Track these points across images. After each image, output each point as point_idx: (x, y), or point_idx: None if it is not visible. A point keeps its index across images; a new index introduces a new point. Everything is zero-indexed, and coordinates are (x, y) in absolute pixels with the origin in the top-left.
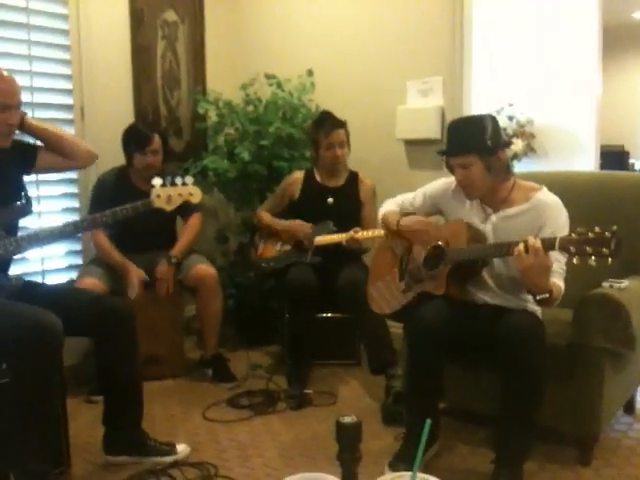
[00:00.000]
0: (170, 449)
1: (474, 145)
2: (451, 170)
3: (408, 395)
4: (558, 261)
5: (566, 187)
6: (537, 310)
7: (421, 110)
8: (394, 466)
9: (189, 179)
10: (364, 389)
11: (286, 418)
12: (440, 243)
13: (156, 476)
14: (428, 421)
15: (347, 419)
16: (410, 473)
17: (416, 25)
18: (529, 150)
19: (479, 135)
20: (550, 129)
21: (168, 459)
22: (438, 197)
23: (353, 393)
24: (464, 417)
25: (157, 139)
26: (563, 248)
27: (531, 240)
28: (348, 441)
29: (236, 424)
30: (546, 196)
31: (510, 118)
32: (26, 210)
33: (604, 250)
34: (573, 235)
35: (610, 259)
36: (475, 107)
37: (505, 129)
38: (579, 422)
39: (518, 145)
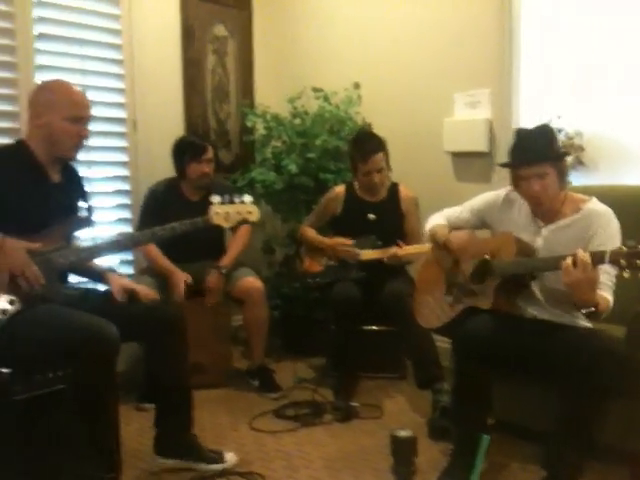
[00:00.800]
0: (218, 457)
1: (549, 153)
2: (516, 183)
3: (456, 411)
4: (607, 273)
5: (617, 201)
6: (588, 326)
7: (468, 122)
8: None
9: (248, 198)
10: (410, 403)
11: (332, 430)
12: (487, 257)
13: None
14: (486, 437)
15: (402, 433)
16: None
17: (463, 37)
18: (578, 163)
19: (551, 143)
20: (600, 141)
21: (217, 467)
22: (486, 211)
23: (399, 407)
24: (513, 433)
25: (210, 149)
26: (613, 261)
27: (580, 254)
28: (404, 455)
29: (282, 435)
30: (596, 206)
31: (558, 131)
32: (88, 222)
33: None
34: (624, 248)
35: None
36: (523, 119)
37: None
38: (630, 438)
39: (567, 158)
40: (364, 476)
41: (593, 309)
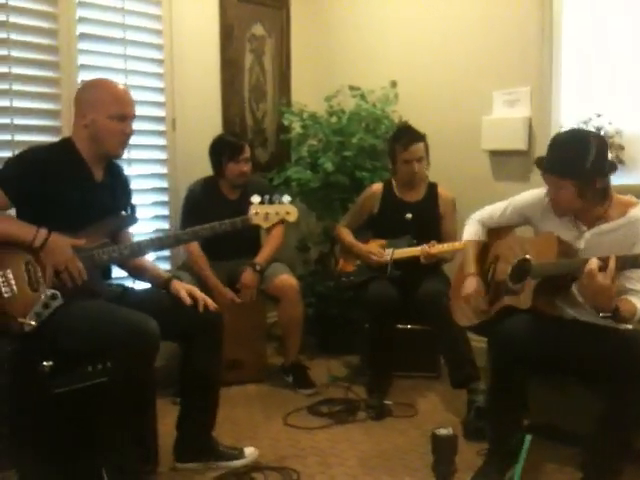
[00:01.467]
0: (238, 453)
1: (571, 170)
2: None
3: (491, 412)
4: None
5: None
6: (629, 327)
7: (507, 120)
8: None
9: (286, 198)
10: (444, 403)
11: (366, 428)
12: (527, 256)
13: (239, 479)
14: (528, 437)
15: (443, 432)
16: None
17: (502, 34)
18: (618, 162)
19: (580, 159)
20: None
21: (237, 463)
22: (528, 209)
23: (433, 406)
24: (550, 434)
25: (247, 148)
26: None
27: (611, 260)
28: (444, 453)
29: (317, 431)
30: None
31: (598, 129)
32: (132, 220)
33: None
34: None
35: None
36: (563, 118)
37: None
38: None
39: None
40: (399, 474)
41: (609, 314)
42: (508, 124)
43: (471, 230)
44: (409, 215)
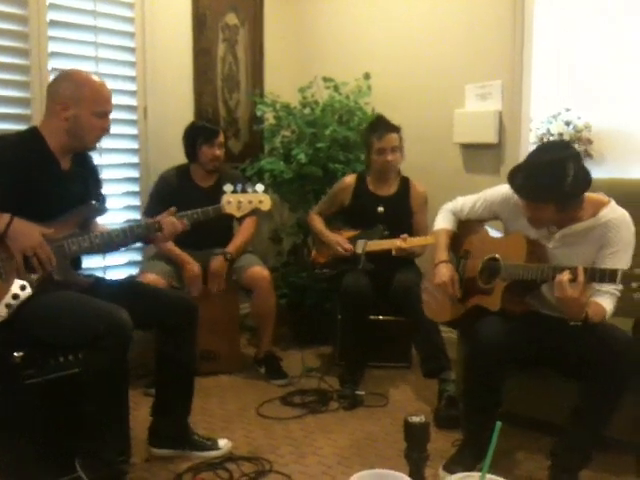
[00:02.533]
0: (212, 444)
1: (550, 195)
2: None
3: (468, 410)
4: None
5: (624, 195)
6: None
7: (479, 114)
8: (449, 468)
9: (260, 187)
10: (416, 392)
11: (339, 418)
12: (497, 255)
13: (213, 469)
14: (498, 423)
15: (416, 419)
16: (479, 474)
17: (475, 28)
18: (586, 156)
19: (557, 184)
20: (609, 134)
21: (211, 454)
22: (498, 206)
23: (405, 396)
24: (520, 423)
25: (222, 134)
26: (624, 282)
27: (580, 271)
28: (417, 440)
29: (290, 422)
30: (613, 212)
31: (567, 123)
32: (101, 209)
33: None
34: (636, 271)
35: None
36: (533, 112)
37: (561, 134)
38: (638, 431)
39: None
40: (372, 462)
41: (579, 323)
42: (480, 117)
43: (443, 219)
44: (381, 209)
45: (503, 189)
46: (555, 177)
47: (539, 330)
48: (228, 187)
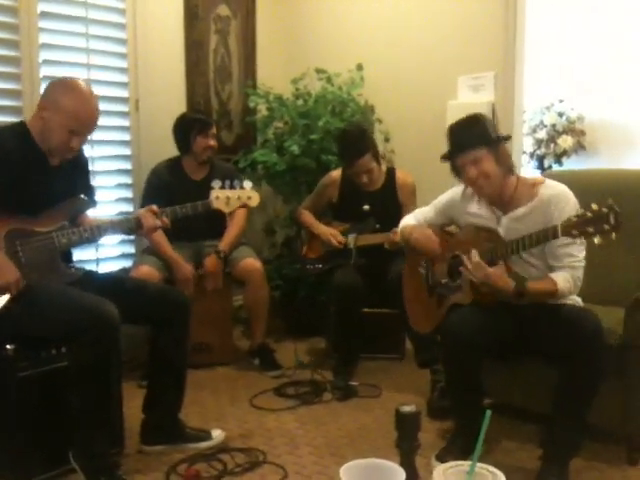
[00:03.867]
0: (206, 435)
1: (482, 139)
2: (458, 174)
3: (451, 397)
4: (571, 255)
5: (618, 185)
6: (578, 301)
7: (472, 105)
8: (442, 458)
9: (247, 183)
10: (409, 383)
11: (332, 408)
12: (457, 252)
13: (207, 460)
14: (488, 412)
15: (407, 409)
16: (469, 462)
17: (468, 20)
18: (579, 147)
19: (483, 129)
20: (602, 126)
21: (204, 445)
22: (448, 207)
23: (398, 386)
24: (510, 413)
25: (214, 126)
26: (566, 233)
27: (473, 255)
28: (408, 430)
29: (283, 413)
30: (551, 189)
31: (560, 114)
32: (90, 202)
33: (605, 226)
34: (572, 218)
35: (613, 234)
36: (526, 103)
37: (555, 125)
38: (628, 421)
39: (567, 142)
40: (365, 452)
41: (519, 297)
42: (473, 109)
43: (406, 221)
44: (366, 206)
45: (449, 193)
46: (477, 124)
47: (512, 318)
48: (216, 183)
